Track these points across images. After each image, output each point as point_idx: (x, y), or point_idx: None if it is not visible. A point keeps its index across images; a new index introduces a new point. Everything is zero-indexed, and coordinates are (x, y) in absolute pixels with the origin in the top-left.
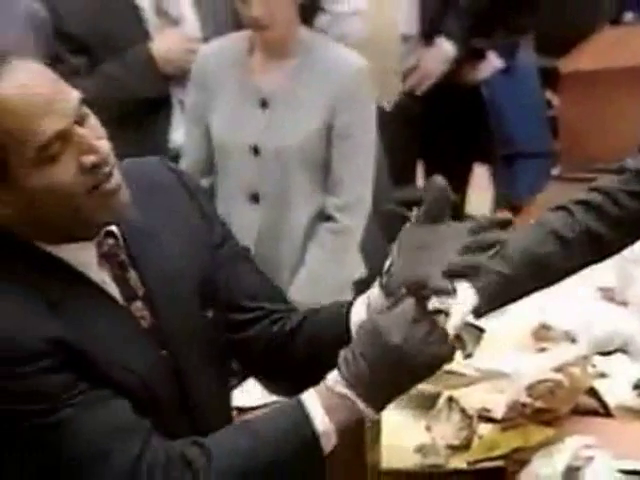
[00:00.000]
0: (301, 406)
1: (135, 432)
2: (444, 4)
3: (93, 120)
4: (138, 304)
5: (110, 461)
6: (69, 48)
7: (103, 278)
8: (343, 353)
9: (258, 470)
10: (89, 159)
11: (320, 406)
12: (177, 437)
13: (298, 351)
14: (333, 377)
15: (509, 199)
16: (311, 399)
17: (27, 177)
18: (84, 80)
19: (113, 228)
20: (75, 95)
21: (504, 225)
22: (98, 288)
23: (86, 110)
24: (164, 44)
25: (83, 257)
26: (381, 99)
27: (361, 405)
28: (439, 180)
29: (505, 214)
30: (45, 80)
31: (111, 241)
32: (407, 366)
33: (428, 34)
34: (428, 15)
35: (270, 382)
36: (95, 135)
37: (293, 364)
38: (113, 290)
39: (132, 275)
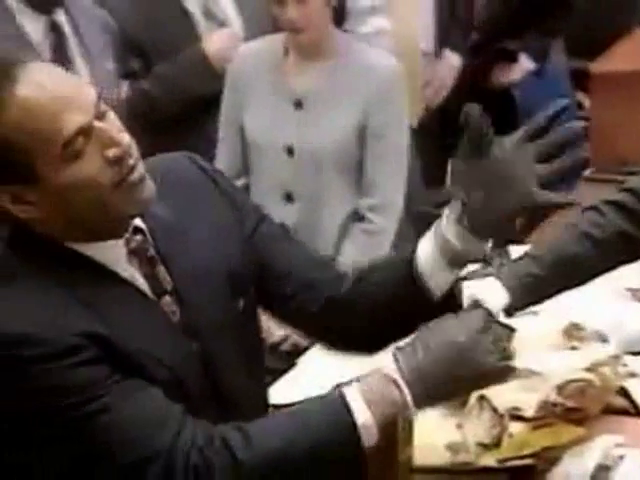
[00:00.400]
0: (342, 397)
1: (170, 416)
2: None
3: (112, 115)
4: (167, 299)
5: (148, 445)
6: (124, 50)
7: (132, 274)
8: (402, 345)
9: (296, 456)
10: (112, 152)
11: (362, 398)
12: None
13: (360, 306)
14: (388, 364)
15: None
16: (353, 390)
17: (54, 175)
18: (142, 81)
19: (141, 224)
20: (93, 91)
21: (551, 120)
22: (128, 284)
23: (104, 106)
24: (218, 43)
25: (112, 254)
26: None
27: (408, 397)
28: (473, 107)
29: (556, 105)
30: (62, 78)
31: (139, 237)
32: (469, 368)
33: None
34: (442, 30)
35: (339, 343)
36: (116, 129)
37: (357, 322)
38: (143, 286)
39: (161, 270)
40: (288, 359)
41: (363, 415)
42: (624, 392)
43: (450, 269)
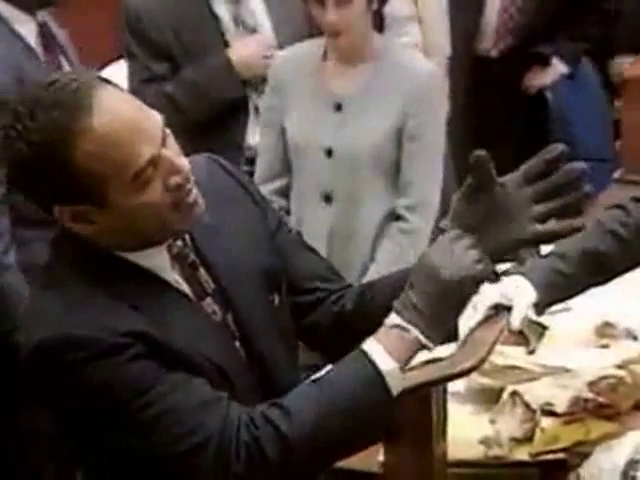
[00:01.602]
0: (363, 352)
1: (217, 402)
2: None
3: (171, 139)
4: (208, 300)
5: (199, 432)
6: (151, 54)
7: (176, 278)
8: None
9: (333, 417)
10: (175, 180)
11: (382, 348)
12: None
13: (366, 319)
14: (391, 317)
15: None
16: (371, 344)
17: (123, 201)
18: (167, 85)
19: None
20: (159, 118)
21: (552, 162)
22: (173, 288)
23: (166, 130)
24: (243, 50)
25: (157, 261)
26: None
27: (415, 332)
28: (480, 154)
29: (553, 149)
30: (132, 107)
31: (180, 243)
32: (452, 281)
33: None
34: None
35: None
36: (176, 154)
37: (362, 334)
38: (185, 289)
39: (202, 273)
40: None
41: (385, 363)
42: None
43: None
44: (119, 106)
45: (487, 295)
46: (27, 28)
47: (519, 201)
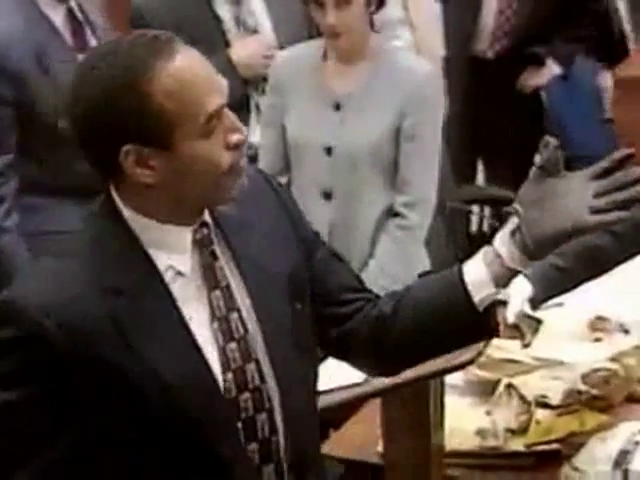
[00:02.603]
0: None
1: None
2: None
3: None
4: (217, 293)
5: None
6: None
7: (190, 264)
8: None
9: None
10: (236, 137)
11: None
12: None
13: (404, 326)
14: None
15: None
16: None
17: (186, 147)
18: None
19: (208, 219)
20: (223, 79)
21: (624, 161)
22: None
23: None
24: (244, 50)
25: (181, 239)
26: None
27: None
28: (552, 140)
29: (623, 151)
30: (204, 61)
31: (205, 231)
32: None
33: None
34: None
35: (378, 365)
36: (234, 117)
37: (399, 341)
38: (196, 277)
39: (220, 264)
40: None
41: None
42: None
43: (494, 286)
44: (196, 55)
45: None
46: (55, 11)
47: (581, 191)
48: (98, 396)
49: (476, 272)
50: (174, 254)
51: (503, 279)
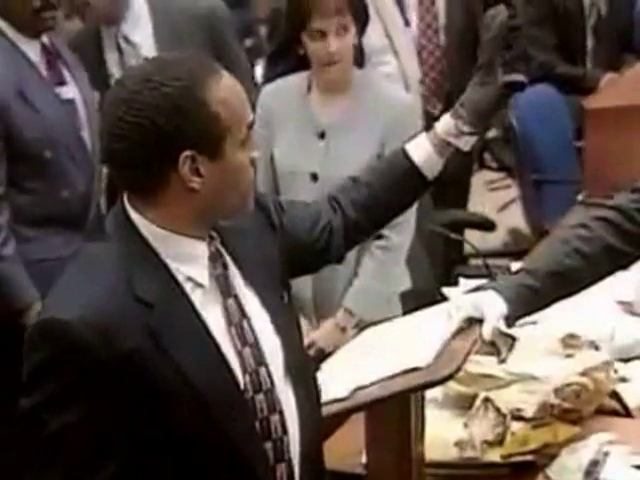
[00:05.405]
0: None
1: None
2: None
3: None
4: (230, 301)
5: None
6: None
7: (205, 274)
8: None
9: None
10: (255, 152)
11: None
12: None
13: (367, 210)
14: None
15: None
16: None
17: (232, 156)
18: None
19: (213, 232)
20: None
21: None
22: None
23: None
24: None
25: (198, 252)
26: None
27: None
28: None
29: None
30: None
31: (217, 242)
32: None
33: None
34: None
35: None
36: None
37: (365, 222)
38: (212, 287)
39: (231, 273)
40: (314, 365)
41: None
42: (615, 395)
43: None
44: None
45: (461, 308)
46: (30, 46)
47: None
48: (131, 404)
49: (415, 142)
50: (192, 266)
51: (438, 147)
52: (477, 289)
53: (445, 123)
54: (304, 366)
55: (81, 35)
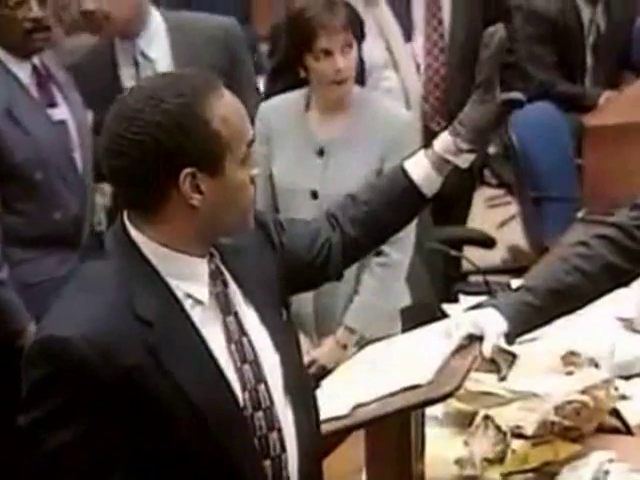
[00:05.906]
0: None
1: None
2: None
3: None
4: (230, 318)
5: None
6: None
7: (205, 292)
8: None
9: None
10: (255, 170)
11: None
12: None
13: (365, 228)
14: None
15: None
16: None
17: (232, 173)
18: None
19: (213, 250)
20: None
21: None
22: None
23: None
24: None
25: (198, 270)
26: None
27: None
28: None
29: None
30: None
31: (217, 260)
32: None
33: None
34: None
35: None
36: None
37: (363, 239)
38: (212, 304)
39: (231, 291)
40: (315, 382)
41: None
42: (616, 413)
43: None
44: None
45: (461, 326)
46: (20, 67)
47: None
48: (130, 421)
49: (414, 159)
50: (192, 284)
51: (437, 164)
52: (477, 306)
53: (444, 141)
54: (303, 384)
55: (95, 49)
